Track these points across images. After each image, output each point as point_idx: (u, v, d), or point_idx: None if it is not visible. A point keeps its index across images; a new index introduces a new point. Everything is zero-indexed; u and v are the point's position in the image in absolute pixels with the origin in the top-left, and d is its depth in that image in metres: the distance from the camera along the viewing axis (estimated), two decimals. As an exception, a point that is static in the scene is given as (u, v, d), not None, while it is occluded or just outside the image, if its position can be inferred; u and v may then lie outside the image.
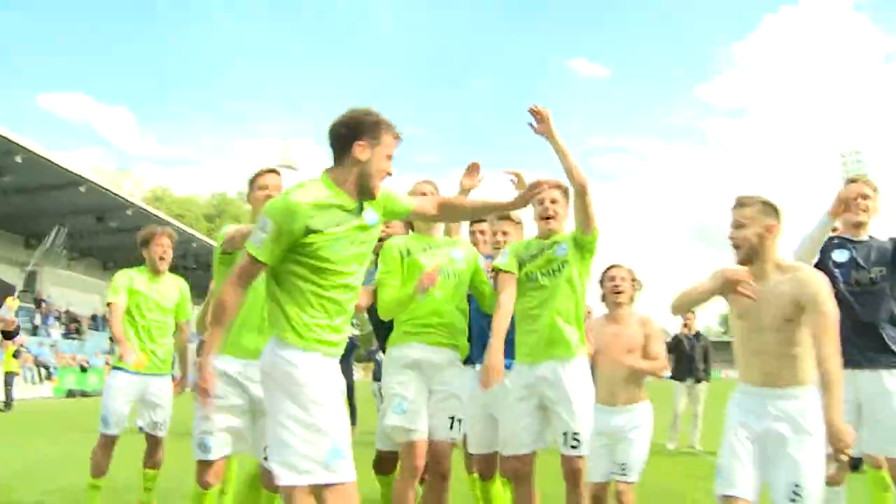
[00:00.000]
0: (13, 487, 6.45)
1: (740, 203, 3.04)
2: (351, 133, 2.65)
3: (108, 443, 4.92)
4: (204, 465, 3.50)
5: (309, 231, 2.57)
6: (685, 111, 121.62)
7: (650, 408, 4.14)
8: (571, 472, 3.57)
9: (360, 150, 2.65)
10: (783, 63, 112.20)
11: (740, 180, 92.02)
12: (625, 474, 3.92)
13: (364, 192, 2.70)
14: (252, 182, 3.80)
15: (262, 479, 3.56)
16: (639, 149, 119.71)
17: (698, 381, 10.10)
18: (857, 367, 3.67)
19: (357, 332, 4.50)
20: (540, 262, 3.68)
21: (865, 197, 3.93)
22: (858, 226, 3.96)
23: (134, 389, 4.91)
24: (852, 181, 3.99)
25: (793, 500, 2.76)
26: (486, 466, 4.21)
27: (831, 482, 3.53)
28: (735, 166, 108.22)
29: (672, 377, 10.12)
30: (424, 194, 3.72)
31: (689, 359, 10.07)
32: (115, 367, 5.10)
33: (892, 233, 3.99)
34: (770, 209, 3.00)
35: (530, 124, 3.44)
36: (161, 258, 5.04)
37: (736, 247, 3.02)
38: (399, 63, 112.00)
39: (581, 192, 3.50)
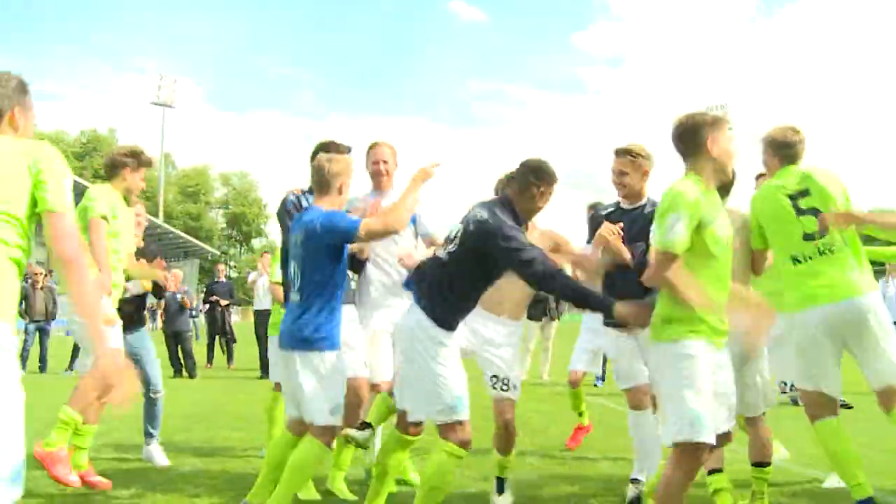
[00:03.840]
0: None
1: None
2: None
3: None
4: None
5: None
6: (562, 58, 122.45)
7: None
8: None
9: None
10: (657, 16, 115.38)
11: (618, 128, 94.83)
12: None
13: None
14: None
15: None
16: (516, 95, 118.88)
17: (551, 319, 11.50)
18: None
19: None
20: None
21: (622, 174, 4.00)
22: (626, 197, 4.06)
23: None
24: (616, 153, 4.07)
25: None
26: None
27: None
28: (613, 114, 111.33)
29: (528, 317, 10.98)
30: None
31: (544, 300, 10.76)
32: None
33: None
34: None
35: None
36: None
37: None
38: (277, 3, 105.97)
39: None
